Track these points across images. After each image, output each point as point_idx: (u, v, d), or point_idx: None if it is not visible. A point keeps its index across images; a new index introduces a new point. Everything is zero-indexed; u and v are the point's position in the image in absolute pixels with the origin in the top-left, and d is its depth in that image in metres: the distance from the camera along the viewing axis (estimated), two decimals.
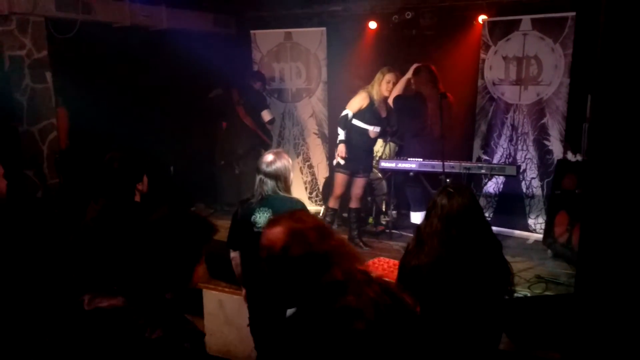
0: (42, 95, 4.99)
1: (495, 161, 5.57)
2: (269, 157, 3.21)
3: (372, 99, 4.89)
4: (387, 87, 4.89)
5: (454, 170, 4.73)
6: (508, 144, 5.59)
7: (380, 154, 6.06)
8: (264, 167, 3.19)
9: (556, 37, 5.18)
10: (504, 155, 5.60)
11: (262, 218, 3.20)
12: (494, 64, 5.60)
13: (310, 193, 6.75)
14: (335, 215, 5.25)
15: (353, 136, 4.97)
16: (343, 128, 4.96)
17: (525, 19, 5.36)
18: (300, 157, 6.73)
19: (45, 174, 5.01)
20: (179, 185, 6.47)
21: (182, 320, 1.66)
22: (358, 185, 5.15)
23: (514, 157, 5.53)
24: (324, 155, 6.64)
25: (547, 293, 4.07)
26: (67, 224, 4.27)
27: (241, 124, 6.02)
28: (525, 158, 5.49)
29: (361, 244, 5.16)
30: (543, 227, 5.23)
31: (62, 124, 5.36)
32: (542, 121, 5.35)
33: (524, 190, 5.51)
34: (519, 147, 5.52)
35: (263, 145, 6.10)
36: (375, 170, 5.76)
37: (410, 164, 4.99)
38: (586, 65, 4.78)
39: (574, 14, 5.06)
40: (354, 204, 5.23)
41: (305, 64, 6.60)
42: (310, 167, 6.74)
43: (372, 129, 4.96)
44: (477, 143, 5.79)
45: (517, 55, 5.44)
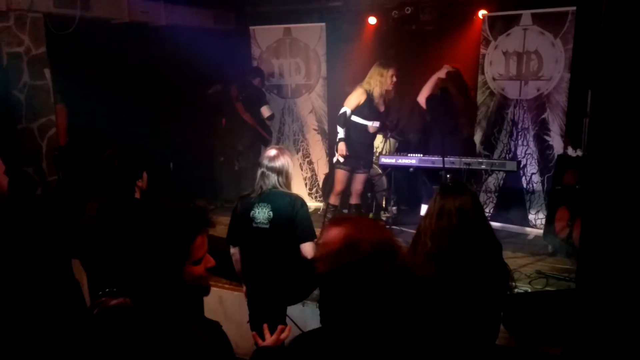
0: (40, 92, 4.97)
1: (495, 156, 5.57)
2: (272, 152, 3.23)
3: (369, 95, 4.87)
4: (392, 82, 4.86)
5: (454, 166, 4.72)
6: (508, 139, 5.58)
7: (381, 149, 6.05)
8: (266, 162, 3.20)
9: (556, 31, 5.16)
10: (504, 151, 5.59)
11: (261, 213, 3.20)
12: (494, 59, 5.58)
13: (310, 189, 6.74)
14: (336, 211, 5.24)
15: (352, 132, 4.96)
16: (342, 126, 4.94)
17: (526, 14, 5.35)
18: (300, 153, 6.72)
19: (45, 170, 5.00)
20: (179, 181, 6.46)
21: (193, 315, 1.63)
22: (358, 181, 5.15)
23: (515, 153, 5.53)
24: (323, 151, 6.63)
25: (547, 288, 4.07)
26: (66, 220, 4.27)
27: (240, 120, 6.02)
28: (525, 153, 5.48)
29: None
30: (543, 222, 5.23)
31: (61, 120, 5.34)
32: (543, 116, 5.34)
33: (524, 185, 5.51)
34: (520, 142, 5.52)
35: (263, 141, 6.09)
36: (375, 166, 5.75)
37: (410, 160, 4.98)
38: (587, 60, 4.77)
39: (574, 8, 5.05)
40: (354, 200, 5.24)
41: (304, 60, 6.58)
42: (309, 163, 6.73)
43: (371, 124, 4.94)
44: (477, 138, 5.78)
45: (517, 50, 5.42)
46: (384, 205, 5.93)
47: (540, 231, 5.27)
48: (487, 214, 2.98)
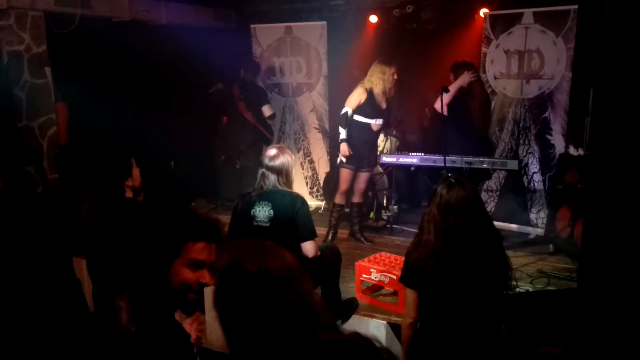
0: (41, 90, 4.97)
1: (497, 155, 5.55)
2: (272, 151, 3.23)
3: (370, 93, 4.85)
4: (394, 79, 4.84)
5: (455, 165, 4.71)
6: (510, 138, 5.57)
7: (382, 148, 6.05)
8: (266, 161, 3.21)
9: (558, 30, 5.15)
10: (506, 150, 5.58)
11: (262, 212, 3.20)
12: (495, 58, 5.57)
13: (311, 188, 6.73)
14: (341, 211, 5.22)
15: (356, 131, 4.94)
16: (344, 126, 4.92)
17: (527, 12, 5.33)
18: (301, 152, 6.71)
19: (45, 169, 5.01)
20: (180, 180, 6.47)
21: (164, 318, 1.57)
22: (362, 179, 5.14)
23: (516, 152, 5.51)
24: (324, 150, 6.62)
25: (549, 288, 4.06)
26: (67, 219, 4.27)
27: (242, 119, 6.00)
28: (527, 152, 5.47)
29: (362, 239, 5.16)
30: (545, 221, 5.21)
31: (61, 119, 5.34)
32: (544, 115, 5.33)
33: (525, 184, 5.49)
34: (521, 141, 5.50)
35: (264, 140, 6.08)
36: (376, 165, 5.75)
37: (412, 159, 4.97)
38: (588, 59, 4.75)
39: (576, 7, 5.03)
40: (356, 199, 5.23)
41: (305, 59, 6.57)
42: (311, 162, 6.72)
43: (374, 122, 4.93)
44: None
45: (518, 48, 5.40)
46: (384, 204, 5.92)
47: (541, 230, 5.26)
48: (487, 212, 2.99)
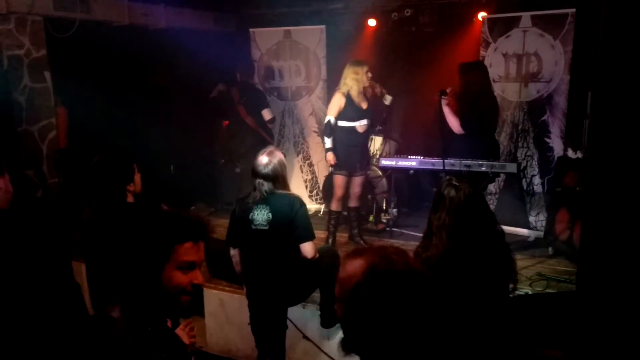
0: (41, 94, 4.98)
1: None
2: (263, 159, 3.21)
3: (348, 96, 4.87)
4: (368, 77, 4.88)
5: (454, 168, 4.71)
6: (508, 141, 5.58)
7: (380, 152, 6.05)
8: (260, 170, 3.19)
9: (556, 33, 5.16)
10: (505, 153, 5.58)
11: (260, 215, 3.21)
12: (494, 61, 5.58)
13: (311, 191, 6.74)
14: (339, 218, 5.23)
15: (343, 137, 4.94)
16: (329, 135, 4.94)
17: (525, 16, 5.35)
18: (300, 156, 6.72)
19: (45, 173, 5.01)
20: (180, 184, 6.46)
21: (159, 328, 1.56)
22: (356, 184, 5.14)
23: (515, 155, 5.52)
24: (324, 153, 6.62)
25: (548, 290, 4.06)
26: (67, 223, 4.27)
27: (242, 123, 6.01)
28: (525, 155, 5.48)
29: (362, 243, 5.16)
30: (544, 224, 5.22)
31: (61, 123, 5.35)
32: (543, 118, 5.34)
33: (524, 187, 5.50)
34: (520, 144, 5.51)
35: (265, 143, 6.06)
36: (375, 168, 5.75)
37: (411, 162, 4.98)
38: (586, 62, 4.77)
39: (574, 10, 5.05)
40: (353, 203, 5.23)
41: (304, 62, 6.58)
42: (310, 165, 6.73)
43: (358, 124, 4.93)
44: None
45: (517, 52, 5.42)
46: (384, 208, 5.93)
47: (540, 233, 5.27)
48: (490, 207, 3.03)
